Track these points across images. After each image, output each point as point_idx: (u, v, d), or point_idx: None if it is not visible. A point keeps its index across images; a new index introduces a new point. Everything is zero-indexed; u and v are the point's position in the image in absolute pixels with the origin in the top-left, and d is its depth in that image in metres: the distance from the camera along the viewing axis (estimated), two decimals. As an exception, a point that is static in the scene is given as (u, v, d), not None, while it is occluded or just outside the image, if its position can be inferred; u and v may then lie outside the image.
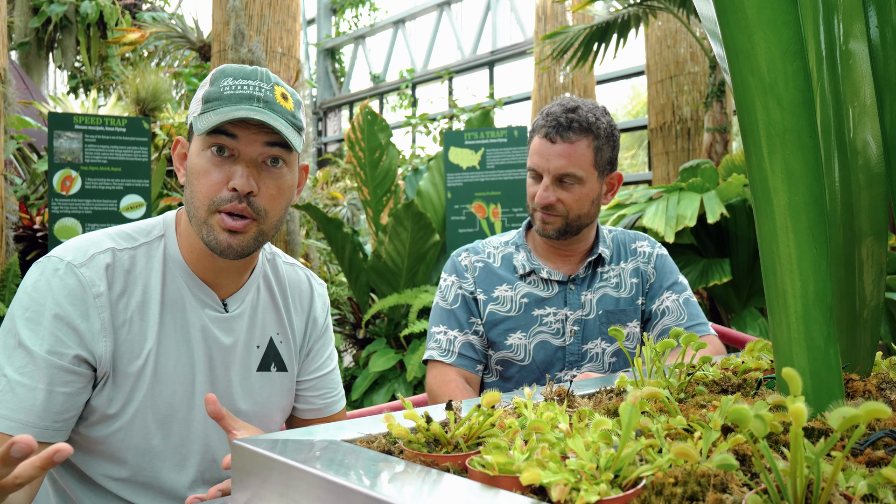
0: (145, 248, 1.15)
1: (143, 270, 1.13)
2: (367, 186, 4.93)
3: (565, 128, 1.61)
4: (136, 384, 1.10)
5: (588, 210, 1.65)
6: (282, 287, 1.29)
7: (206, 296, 1.17)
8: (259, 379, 1.22)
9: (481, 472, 0.58)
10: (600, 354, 1.68)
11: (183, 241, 1.16)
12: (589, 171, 1.63)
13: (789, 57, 0.71)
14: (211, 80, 1.12)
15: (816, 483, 0.48)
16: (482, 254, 1.77)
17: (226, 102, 1.08)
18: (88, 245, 1.11)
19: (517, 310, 1.69)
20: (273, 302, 1.27)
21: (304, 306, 1.33)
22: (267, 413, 1.25)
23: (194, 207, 1.10)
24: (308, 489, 0.61)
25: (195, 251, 1.15)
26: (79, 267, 1.07)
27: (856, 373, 0.90)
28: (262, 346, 1.24)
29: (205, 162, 1.09)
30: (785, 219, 0.72)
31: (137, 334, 1.10)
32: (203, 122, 1.07)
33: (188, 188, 1.12)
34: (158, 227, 1.18)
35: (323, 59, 15.01)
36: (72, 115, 4.53)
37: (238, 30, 5.79)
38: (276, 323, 1.26)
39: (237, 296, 1.21)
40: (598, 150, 1.63)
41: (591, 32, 5.45)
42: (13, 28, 10.60)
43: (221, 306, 1.18)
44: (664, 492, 0.53)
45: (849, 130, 0.89)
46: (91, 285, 1.07)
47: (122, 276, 1.11)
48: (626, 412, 0.56)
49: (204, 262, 1.16)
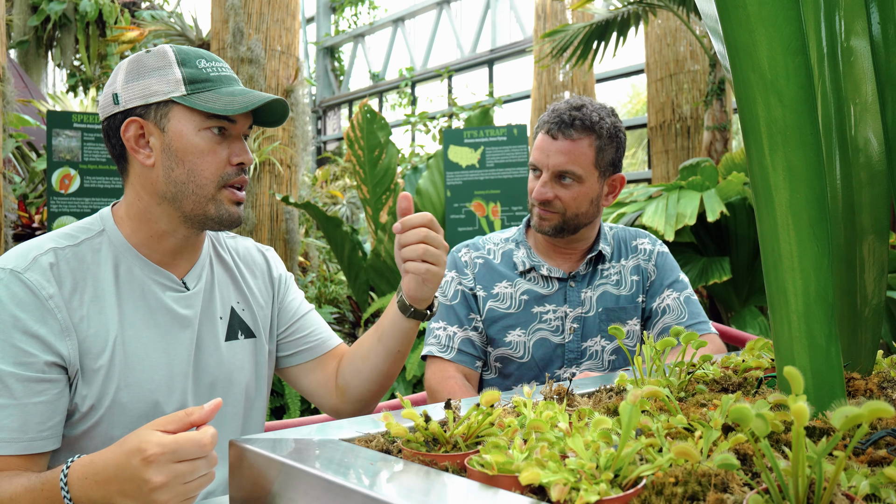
0: (88, 243, 1.14)
1: (91, 265, 1.12)
2: (367, 185, 4.93)
3: (567, 125, 1.60)
4: (107, 377, 1.09)
5: (586, 210, 1.64)
6: (232, 257, 1.32)
7: (164, 278, 1.17)
8: (228, 348, 1.24)
9: (480, 472, 0.57)
10: (600, 352, 1.68)
11: (130, 230, 1.16)
12: (589, 171, 1.62)
13: (791, 53, 0.71)
14: (180, 62, 1.13)
15: (818, 482, 0.48)
16: (482, 250, 1.76)
17: (222, 84, 1.15)
18: (28, 250, 1.10)
19: (517, 307, 1.69)
20: (227, 272, 1.29)
21: (262, 270, 1.36)
22: (241, 380, 1.25)
23: (197, 185, 1.14)
24: (306, 489, 0.61)
25: (151, 237, 1.17)
26: (22, 273, 1.06)
27: (857, 371, 0.89)
28: (226, 316, 1.25)
29: (206, 142, 1.14)
30: (786, 216, 0.72)
31: (98, 328, 1.09)
32: (204, 102, 1.11)
33: (180, 167, 1.13)
34: (96, 223, 1.17)
35: (322, 58, 14.99)
36: (70, 114, 4.52)
37: (237, 28, 5.78)
38: (235, 292, 1.29)
39: (193, 272, 1.22)
40: (600, 150, 1.62)
41: (591, 30, 5.43)
42: (12, 26, 10.58)
43: (181, 285, 1.19)
44: (664, 491, 0.52)
45: (850, 128, 0.89)
46: (40, 288, 1.05)
47: (69, 273, 1.10)
48: (626, 411, 0.56)
49: (161, 245, 1.17)
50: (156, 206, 1.15)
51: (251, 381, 1.28)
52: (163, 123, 1.13)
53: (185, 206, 1.15)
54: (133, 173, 1.16)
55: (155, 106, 1.12)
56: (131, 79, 1.13)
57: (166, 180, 1.14)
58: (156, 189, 1.14)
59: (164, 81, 1.12)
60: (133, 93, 1.13)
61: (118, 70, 1.16)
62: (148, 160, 1.13)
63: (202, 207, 1.15)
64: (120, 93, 1.13)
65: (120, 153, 1.16)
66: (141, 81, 1.13)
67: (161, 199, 1.15)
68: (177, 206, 1.15)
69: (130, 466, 0.85)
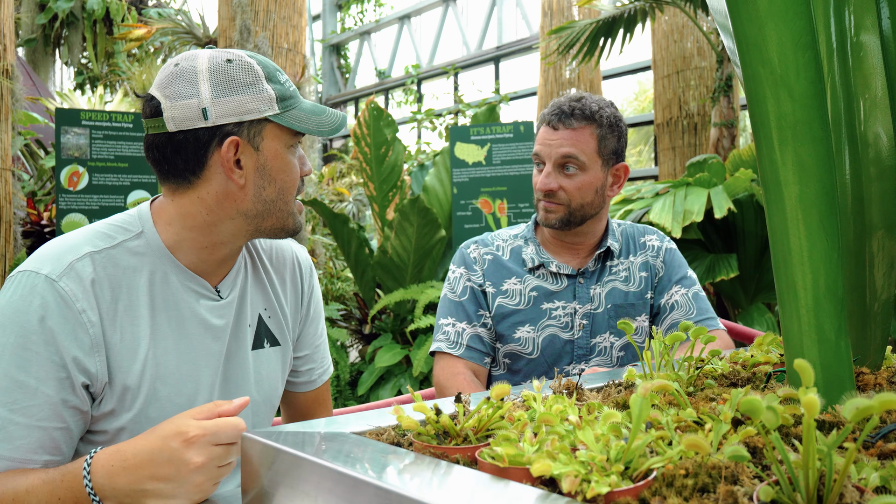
0: (125, 246, 1.09)
1: (127, 270, 1.07)
2: (373, 182, 4.93)
3: (567, 115, 1.63)
4: (137, 391, 1.06)
5: (591, 200, 1.64)
6: (263, 261, 1.28)
7: (199, 286, 1.13)
8: (255, 357, 1.21)
9: (491, 464, 0.58)
10: (608, 348, 1.68)
11: (176, 238, 1.11)
12: (592, 158, 1.63)
13: (801, 48, 0.71)
14: (266, 76, 1.09)
15: (829, 475, 0.48)
16: (491, 246, 1.77)
17: (299, 100, 1.14)
18: (63, 251, 1.04)
19: (526, 303, 1.69)
20: (257, 278, 1.26)
21: (294, 277, 1.32)
22: (270, 390, 1.24)
23: (284, 202, 1.13)
24: (318, 480, 0.61)
25: (205, 247, 1.12)
26: (58, 280, 1.00)
27: (866, 366, 0.89)
28: (253, 324, 1.22)
29: (291, 158, 1.13)
30: (796, 211, 0.72)
31: (130, 341, 1.05)
32: (297, 121, 1.11)
33: (272, 187, 1.11)
34: (135, 223, 1.12)
35: (328, 55, 15.00)
36: (79, 111, 4.54)
37: (244, 25, 5.79)
38: (263, 299, 1.25)
39: (228, 280, 1.18)
40: (602, 138, 1.63)
41: (598, 27, 5.42)
42: (20, 24, 10.62)
43: (216, 294, 1.16)
44: (675, 483, 0.52)
45: (860, 123, 0.89)
46: (74, 300, 1.00)
47: (107, 281, 1.05)
48: (636, 404, 0.56)
49: (211, 256, 1.13)
50: (228, 220, 1.11)
51: (276, 390, 1.26)
52: (256, 142, 1.09)
53: (265, 223, 1.13)
54: (207, 189, 1.09)
55: (248, 124, 1.08)
56: (222, 93, 1.06)
57: (255, 199, 1.10)
58: (238, 207, 1.10)
59: (259, 99, 1.08)
60: (225, 109, 1.06)
61: (195, 78, 1.06)
62: (240, 180, 1.09)
63: (283, 221, 1.14)
64: (209, 107, 1.05)
65: (191, 168, 1.08)
66: (234, 97, 1.07)
67: (239, 216, 1.11)
68: (256, 223, 1.12)
69: (169, 449, 0.87)
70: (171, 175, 1.09)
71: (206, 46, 9.45)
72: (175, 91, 1.06)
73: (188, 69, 1.07)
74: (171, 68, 1.09)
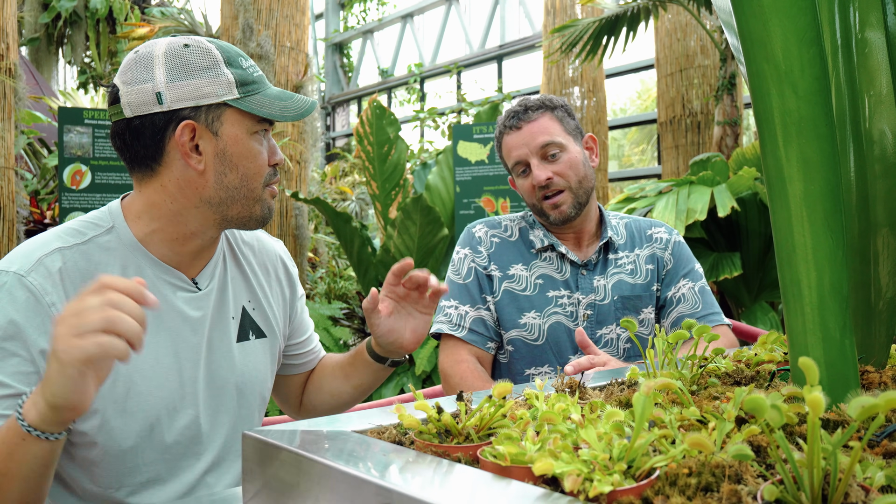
0: (96, 241, 1.08)
1: (99, 265, 1.06)
2: (376, 181, 4.93)
3: (522, 112, 1.68)
4: (112, 386, 1.04)
5: (584, 173, 1.67)
6: (244, 253, 1.27)
7: (175, 279, 1.12)
8: (241, 350, 1.20)
9: (493, 463, 0.57)
10: (615, 340, 1.67)
11: (147, 230, 1.10)
12: (565, 138, 1.67)
13: (805, 44, 0.70)
14: (226, 61, 1.08)
15: (833, 474, 0.48)
16: (499, 228, 1.76)
17: (263, 85, 1.12)
18: (33, 249, 1.04)
19: (532, 289, 1.68)
20: (240, 270, 1.25)
21: (276, 268, 1.33)
22: (256, 382, 1.23)
23: (249, 189, 1.11)
24: (319, 479, 0.61)
25: (176, 239, 1.11)
26: (26, 276, 1.00)
27: (871, 365, 0.89)
28: (237, 316, 1.21)
29: (255, 145, 1.12)
30: (800, 208, 0.72)
31: None
32: (259, 106, 1.09)
33: (233, 173, 1.09)
34: (105, 218, 1.11)
35: (331, 54, 15.00)
36: (82, 110, 4.54)
37: (246, 24, 5.79)
38: (246, 290, 1.24)
39: (206, 272, 1.17)
40: (561, 119, 1.69)
41: (601, 26, 5.41)
42: (23, 24, 10.64)
43: (193, 285, 1.15)
44: (678, 482, 0.52)
45: (864, 120, 0.88)
46: (43, 293, 1.00)
47: (78, 275, 1.04)
48: (639, 402, 0.56)
49: (184, 247, 1.12)
50: (193, 208, 1.10)
51: (266, 382, 1.26)
52: (215, 127, 1.07)
53: (231, 211, 1.11)
54: (168, 176, 1.08)
55: (206, 108, 1.06)
56: (177, 77, 1.05)
57: (217, 185, 1.09)
58: (201, 194, 1.09)
59: (217, 83, 1.06)
60: (181, 93, 1.05)
61: (150, 63, 1.06)
62: (199, 165, 1.07)
63: (248, 210, 1.12)
64: (164, 92, 1.04)
65: (151, 154, 1.08)
66: (190, 81, 1.05)
67: (203, 203, 1.09)
68: (221, 211, 1.10)
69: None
70: (135, 163, 1.10)
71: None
72: (132, 77, 1.06)
73: (145, 55, 1.07)
74: (130, 55, 1.09)
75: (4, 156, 4.51)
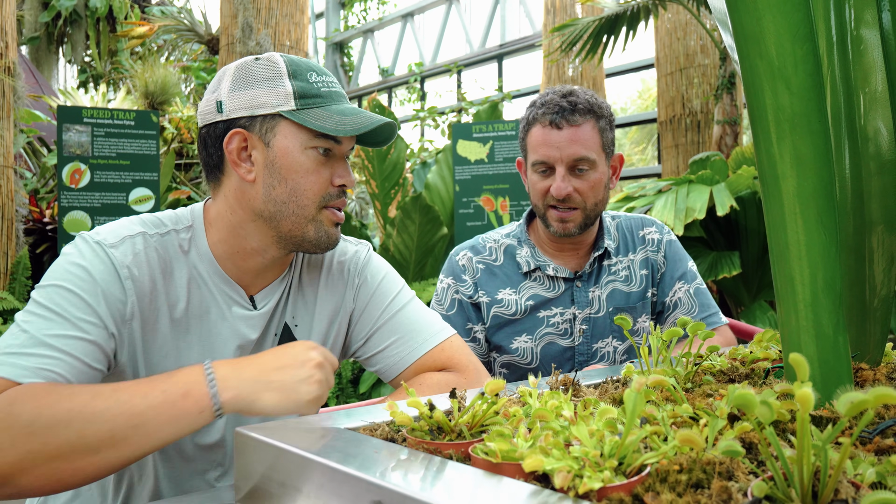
0: (174, 235, 1.10)
1: (168, 263, 1.08)
2: (376, 180, 4.93)
3: (570, 111, 1.52)
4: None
5: (602, 196, 1.58)
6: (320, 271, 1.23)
7: (234, 292, 1.12)
8: None
9: (484, 460, 0.57)
10: (611, 353, 1.63)
11: (216, 239, 1.11)
12: (599, 155, 1.55)
13: (798, 40, 0.70)
14: (290, 73, 1.07)
15: (823, 470, 0.47)
16: (483, 252, 1.68)
17: (332, 100, 1.09)
18: (120, 228, 1.07)
19: (522, 312, 1.62)
20: (300, 289, 1.22)
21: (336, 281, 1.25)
22: None
23: (299, 206, 1.08)
24: (310, 476, 0.61)
25: (237, 252, 1.11)
26: (109, 247, 1.03)
27: (865, 362, 0.89)
28: (279, 332, 1.20)
29: (311, 161, 1.08)
30: (793, 205, 0.71)
31: (152, 328, 1.05)
32: (314, 119, 1.06)
33: (282, 186, 1.07)
34: (187, 217, 1.13)
35: (331, 53, 15.00)
36: (81, 109, 4.54)
37: (246, 23, 5.79)
38: (293, 307, 1.21)
39: (267, 292, 1.16)
40: (603, 131, 1.56)
41: (601, 25, 5.41)
42: (23, 22, 10.64)
43: (250, 303, 1.14)
44: (669, 479, 0.52)
45: (859, 117, 0.88)
46: (122, 266, 1.02)
47: (146, 266, 1.05)
48: (630, 399, 0.56)
49: (245, 264, 1.12)
50: (250, 222, 1.10)
51: None
52: (268, 138, 1.07)
53: (282, 226, 1.09)
54: (228, 186, 1.10)
55: (261, 118, 1.06)
56: (238, 87, 1.07)
57: (266, 198, 1.08)
58: (253, 206, 1.09)
59: (274, 94, 1.06)
60: (239, 102, 1.06)
61: (223, 76, 1.09)
62: (249, 175, 1.08)
63: (301, 228, 1.09)
64: (224, 101, 1.07)
65: (216, 163, 1.10)
66: (248, 91, 1.07)
67: (257, 217, 1.09)
68: (273, 226, 1.09)
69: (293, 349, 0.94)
70: (207, 171, 1.14)
71: (208, 44, 9.45)
72: (210, 88, 1.12)
73: (226, 69, 1.12)
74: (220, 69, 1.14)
75: (3, 154, 4.51)
